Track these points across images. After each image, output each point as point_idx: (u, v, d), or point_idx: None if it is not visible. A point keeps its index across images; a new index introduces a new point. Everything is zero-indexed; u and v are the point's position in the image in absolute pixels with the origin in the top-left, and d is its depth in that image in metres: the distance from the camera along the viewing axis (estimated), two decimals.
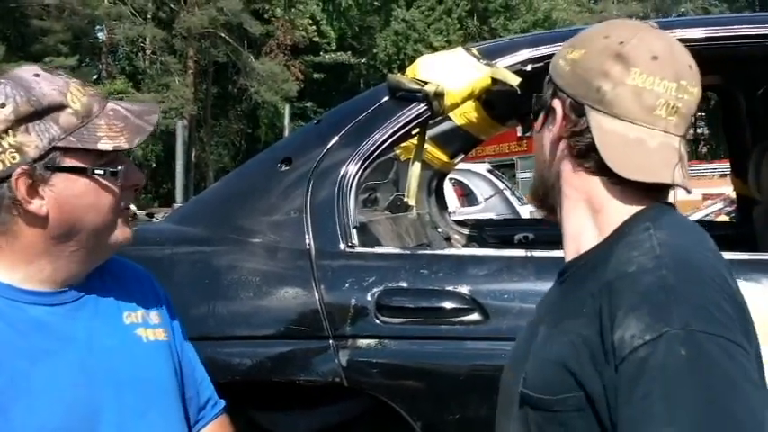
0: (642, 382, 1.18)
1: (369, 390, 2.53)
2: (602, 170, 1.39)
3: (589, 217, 1.43)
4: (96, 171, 1.49)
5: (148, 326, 1.65)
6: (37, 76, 1.49)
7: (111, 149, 1.49)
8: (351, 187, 2.68)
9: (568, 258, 1.48)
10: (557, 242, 1.54)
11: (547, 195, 1.52)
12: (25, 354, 1.47)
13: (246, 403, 2.63)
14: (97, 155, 1.49)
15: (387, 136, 2.73)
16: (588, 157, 1.40)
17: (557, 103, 1.44)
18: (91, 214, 1.50)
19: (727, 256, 1.42)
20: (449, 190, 9.73)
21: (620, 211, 1.40)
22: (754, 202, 3.82)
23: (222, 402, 1.83)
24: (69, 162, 1.48)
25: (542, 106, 1.49)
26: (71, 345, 1.52)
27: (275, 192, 2.73)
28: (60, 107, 1.47)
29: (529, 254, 2.54)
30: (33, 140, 1.45)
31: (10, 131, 1.44)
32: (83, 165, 1.49)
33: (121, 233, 1.57)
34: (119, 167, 1.52)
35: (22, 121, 1.45)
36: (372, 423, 2.70)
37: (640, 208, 1.40)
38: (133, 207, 1.70)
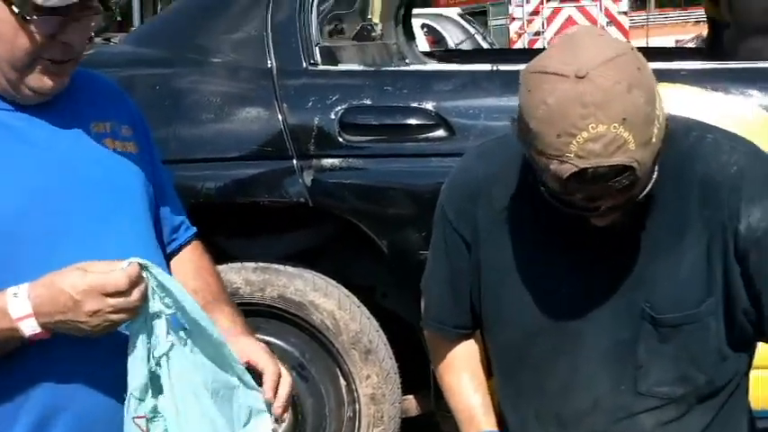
0: None
1: (334, 210, 2.51)
2: None
3: None
4: (14, 8, 1.37)
5: (118, 137, 1.57)
6: None
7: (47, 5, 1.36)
8: (312, 4, 2.59)
9: None
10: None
11: None
12: None
13: (210, 230, 2.60)
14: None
15: None
16: None
17: None
18: (4, 45, 1.40)
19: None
20: (419, 36, 9.55)
21: None
22: (726, 27, 3.75)
23: (194, 228, 1.79)
24: None
25: None
26: (34, 148, 1.46)
27: (234, 10, 2.63)
28: None
29: (495, 68, 2.49)
30: None
31: None
32: None
33: (36, 80, 1.44)
34: (35, 18, 1.37)
35: None
36: (340, 247, 2.69)
37: None
38: None
